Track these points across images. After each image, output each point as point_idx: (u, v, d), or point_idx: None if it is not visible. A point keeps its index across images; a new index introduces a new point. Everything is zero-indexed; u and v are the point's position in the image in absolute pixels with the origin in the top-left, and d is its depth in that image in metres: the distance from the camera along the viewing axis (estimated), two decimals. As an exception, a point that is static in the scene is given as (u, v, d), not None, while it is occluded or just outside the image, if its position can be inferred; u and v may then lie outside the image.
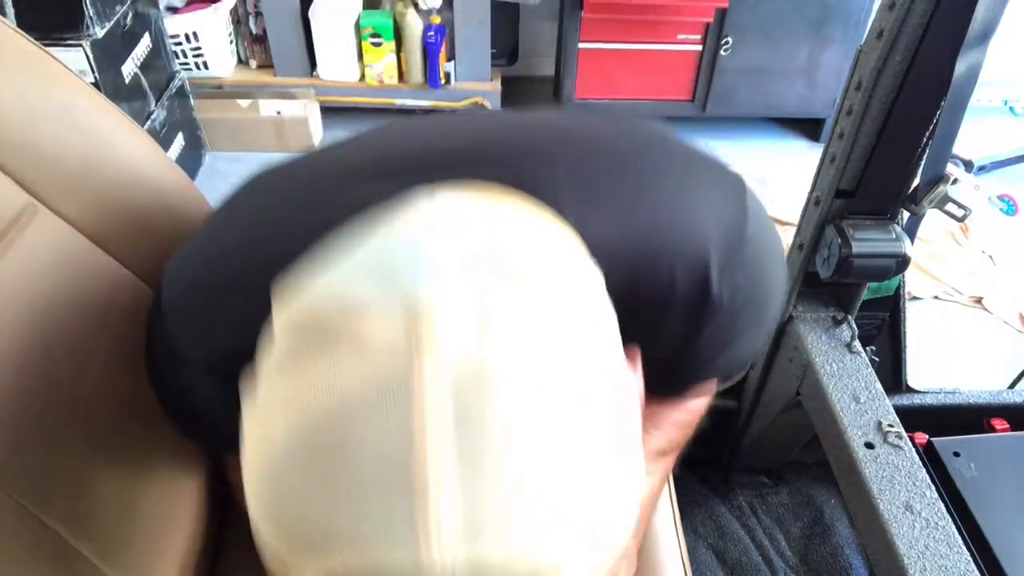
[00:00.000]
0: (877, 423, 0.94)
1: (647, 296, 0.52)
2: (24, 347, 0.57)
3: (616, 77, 2.52)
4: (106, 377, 0.64)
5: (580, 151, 0.55)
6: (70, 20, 1.76)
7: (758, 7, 2.35)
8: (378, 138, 0.65)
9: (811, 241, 1.03)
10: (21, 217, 0.60)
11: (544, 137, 0.57)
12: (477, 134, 0.59)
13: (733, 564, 1.32)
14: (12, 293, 0.57)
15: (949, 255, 2.26)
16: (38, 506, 0.54)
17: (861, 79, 0.88)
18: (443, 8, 2.38)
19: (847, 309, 1.10)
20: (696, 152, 0.59)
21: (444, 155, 0.55)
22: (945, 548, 0.81)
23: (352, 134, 0.67)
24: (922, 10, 0.80)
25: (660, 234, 0.52)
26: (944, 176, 0.90)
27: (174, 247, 0.57)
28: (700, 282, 0.53)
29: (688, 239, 0.53)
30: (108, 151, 0.67)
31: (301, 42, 2.47)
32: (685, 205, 0.54)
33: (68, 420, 0.59)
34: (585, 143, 0.56)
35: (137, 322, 0.68)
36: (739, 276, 0.54)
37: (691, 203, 0.54)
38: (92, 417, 0.61)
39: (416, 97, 2.55)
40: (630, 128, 0.60)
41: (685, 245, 0.52)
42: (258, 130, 2.49)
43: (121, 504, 0.63)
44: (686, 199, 0.54)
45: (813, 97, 2.60)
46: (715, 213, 0.54)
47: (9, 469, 0.53)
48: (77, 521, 0.58)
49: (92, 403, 0.62)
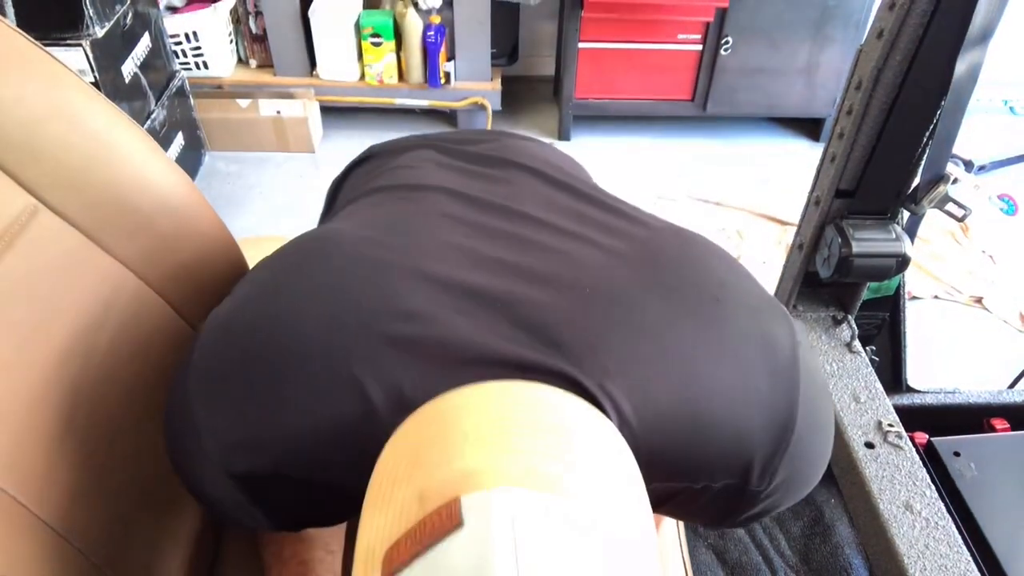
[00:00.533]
0: (877, 423, 0.94)
1: (680, 485, 0.52)
2: (24, 346, 0.57)
3: (616, 77, 2.52)
4: (106, 377, 0.64)
5: (631, 310, 0.52)
6: (70, 20, 1.76)
7: (759, 7, 2.35)
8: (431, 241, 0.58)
9: (811, 241, 1.03)
10: (21, 217, 0.60)
11: (598, 290, 0.54)
12: (536, 271, 0.56)
13: (733, 564, 1.32)
14: (12, 293, 0.57)
15: (949, 255, 2.26)
16: (38, 506, 0.54)
17: (861, 79, 0.88)
18: (443, 8, 2.38)
19: (847, 309, 1.10)
20: (748, 309, 0.56)
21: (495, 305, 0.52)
22: (945, 548, 0.81)
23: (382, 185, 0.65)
24: (922, 10, 0.80)
25: (705, 422, 0.50)
26: (944, 176, 0.90)
27: (173, 247, 0.57)
28: (739, 478, 0.52)
29: (731, 442, 0.51)
30: (108, 151, 0.67)
31: (301, 42, 2.47)
32: (734, 397, 0.51)
33: (69, 420, 0.59)
34: (637, 291, 0.53)
35: (137, 321, 0.68)
36: (781, 470, 0.52)
37: (741, 395, 0.51)
38: (92, 417, 0.61)
39: (416, 97, 2.55)
40: (685, 268, 0.57)
41: (728, 447, 0.51)
42: (258, 130, 2.49)
43: (121, 505, 0.63)
44: (736, 387, 0.51)
45: (813, 97, 2.60)
46: (763, 411, 0.51)
47: (9, 469, 0.53)
48: (78, 522, 0.58)
49: (92, 403, 0.62)
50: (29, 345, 0.57)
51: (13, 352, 0.56)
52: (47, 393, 0.58)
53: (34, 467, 0.55)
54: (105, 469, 0.62)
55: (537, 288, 0.54)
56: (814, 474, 0.57)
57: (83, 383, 0.61)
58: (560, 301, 0.53)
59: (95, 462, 0.61)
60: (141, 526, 0.65)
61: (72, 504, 0.58)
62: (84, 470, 0.60)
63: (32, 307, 0.58)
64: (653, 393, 0.49)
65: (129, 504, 0.64)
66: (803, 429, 0.52)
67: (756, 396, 0.51)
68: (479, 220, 0.60)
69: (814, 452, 0.55)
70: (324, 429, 0.49)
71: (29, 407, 0.56)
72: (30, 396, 0.56)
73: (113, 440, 0.63)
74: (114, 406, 0.64)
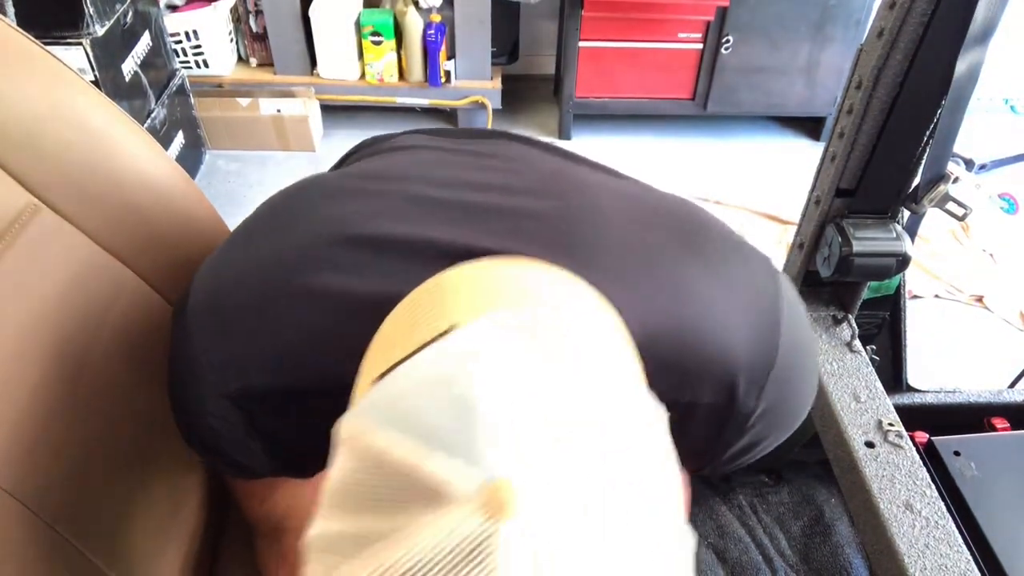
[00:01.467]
0: (877, 422, 0.94)
1: (671, 398, 0.52)
2: (24, 345, 0.57)
3: (617, 75, 2.52)
4: (106, 375, 0.64)
5: (619, 229, 0.55)
6: (70, 18, 1.76)
7: (759, 6, 2.35)
8: (417, 171, 0.62)
9: (811, 240, 1.03)
10: (22, 216, 0.60)
11: (585, 207, 0.56)
12: (518, 187, 0.58)
13: (733, 563, 1.32)
14: (13, 291, 0.57)
15: (950, 254, 2.26)
16: (38, 504, 0.54)
17: (862, 78, 0.88)
18: (443, 6, 2.38)
19: (847, 308, 1.09)
20: (730, 243, 0.58)
21: (485, 212, 0.55)
22: (945, 547, 0.81)
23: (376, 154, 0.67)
24: (922, 9, 0.80)
25: (690, 340, 0.51)
26: (945, 175, 0.90)
27: (174, 246, 0.57)
28: (726, 397, 0.53)
29: (717, 358, 0.52)
30: (108, 150, 0.67)
31: (301, 40, 2.46)
32: (717, 316, 0.53)
33: (68, 419, 0.59)
34: (624, 221, 0.56)
35: (137, 319, 0.68)
36: (766, 393, 0.54)
37: (724, 317, 0.53)
38: (92, 415, 0.61)
39: (416, 95, 2.55)
40: (668, 207, 0.59)
41: (714, 362, 0.52)
42: (258, 128, 2.49)
43: (121, 504, 0.63)
44: (720, 307, 0.53)
45: (813, 96, 2.60)
46: (747, 331, 0.53)
47: (8, 468, 0.53)
48: (78, 521, 0.58)
49: (92, 401, 0.62)
50: (29, 344, 0.57)
51: (13, 350, 0.56)
52: (47, 391, 0.58)
53: (34, 466, 0.55)
54: (105, 468, 0.62)
55: (529, 199, 0.56)
56: (799, 405, 0.58)
57: (83, 381, 0.61)
58: (551, 211, 0.55)
59: (95, 460, 0.61)
60: (141, 525, 0.65)
61: (72, 503, 0.58)
62: (84, 468, 0.60)
63: (32, 306, 0.58)
64: (641, 302, 0.51)
65: (129, 503, 0.64)
66: (788, 349, 0.54)
67: (742, 317, 0.53)
68: (466, 160, 0.63)
69: (799, 377, 0.56)
70: (318, 331, 0.51)
71: (29, 405, 0.56)
72: (30, 395, 0.56)
73: (113, 438, 0.63)
74: (114, 404, 0.64)
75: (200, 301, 0.55)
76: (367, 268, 0.51)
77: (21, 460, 0.54)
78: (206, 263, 0.58)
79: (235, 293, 0.54)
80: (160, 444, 0.69)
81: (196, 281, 0.56)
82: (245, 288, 0.54)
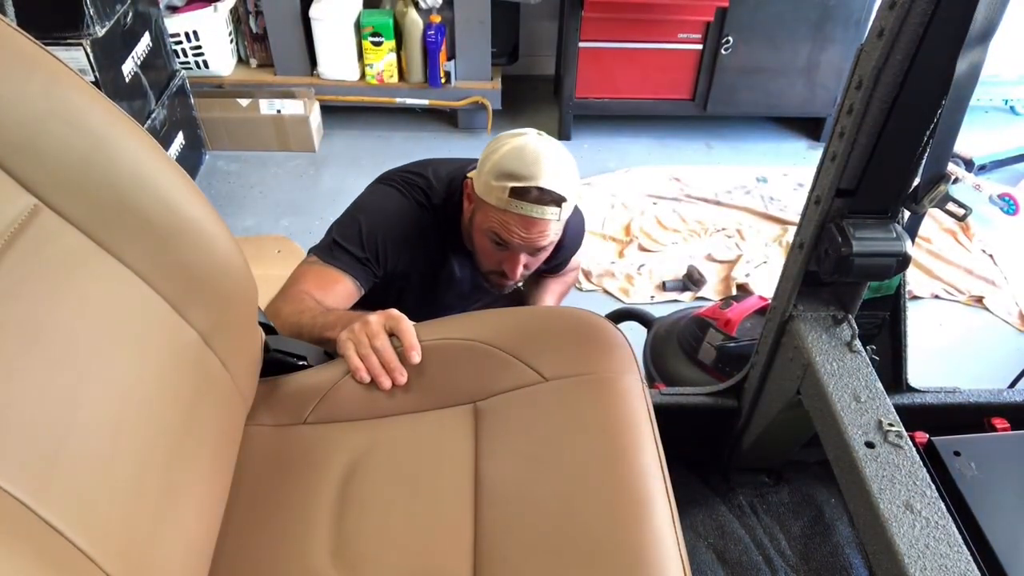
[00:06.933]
0: (877, 422, 0.94)
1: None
2: (24, 345, 0.57)
3: (616, 76, 2.52)
4: (107, 374, 0.64)
5: None
6: (70, 19, 1.76)
7: (759, 6, 2.36)
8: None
9: (811, 240, 1.02)
10: (21, 216, 0.60)
11: None
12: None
13: (733, 563, 1.32)
14: (13, 291, 0.57)
15: (950, 254, 2.26)
16: (38, 504, 0.54)
17: (862, 78, 0.88)
18: (443, 7, 2.38)
19: (847, 308, 1.09)
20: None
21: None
22: (945, 547, 0.81)
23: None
24: (923, 9, 0.80)
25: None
26: (945, 175, 0.90)
27: (173, 245, 0.57)
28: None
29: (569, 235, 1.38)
30: (109, 150, 0.67)
31: (301, 41, 2.47)
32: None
33: (69, 419, 0.59)
34: None
35: (137, 320, 0.68)
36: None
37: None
38: (93, 416, 0.61)
39: (416, 96, 2.55)
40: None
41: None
42: (258, 129, 2.49)
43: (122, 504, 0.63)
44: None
45: (813, 96, 2.60)
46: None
47: (9, 468, 0.53)
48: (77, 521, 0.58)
49: (92, 401, 0.62)
50: (29, 344, 0.57)
51: (13, 351, 0.56)
52: (47, 392, 0.58)
53: (34, 466, 0.55)
54: (105, 467, 0.62)
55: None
56: (577, 220, 1.40)
57: (83, 381, 0.61)
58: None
59: (95, 460, 0.61)
60: (141, 525, 0.65)
61: (73, 503, 0.58)
62: (85, 469, 0.60)
63: (32, 307, 0.58)
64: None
65: (130, 503, 0.64)
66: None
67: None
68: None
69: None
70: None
71: (29, 404, 0.56)
72: (30, 395, 0.56)
73: (114, 438, 0.63)
74: (114, 404, 0.64)
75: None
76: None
77: (21, 460, 0.54)
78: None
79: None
80: (162, 442, 0.69)
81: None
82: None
